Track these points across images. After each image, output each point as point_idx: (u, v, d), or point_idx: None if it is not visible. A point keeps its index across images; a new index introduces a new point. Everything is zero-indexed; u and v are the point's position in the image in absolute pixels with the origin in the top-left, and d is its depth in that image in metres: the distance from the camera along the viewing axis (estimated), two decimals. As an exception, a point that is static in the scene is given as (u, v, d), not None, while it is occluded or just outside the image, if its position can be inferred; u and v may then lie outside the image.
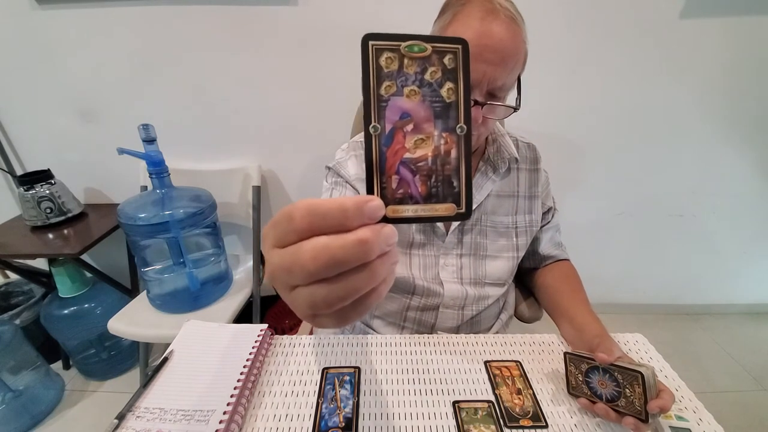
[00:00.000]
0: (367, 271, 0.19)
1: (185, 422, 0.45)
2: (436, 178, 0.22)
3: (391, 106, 0.22)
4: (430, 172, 0.22)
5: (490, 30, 0.49)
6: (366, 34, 0.21)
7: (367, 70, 0.21)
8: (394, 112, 0.22)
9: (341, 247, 0.18)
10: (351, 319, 0.21)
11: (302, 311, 0.21)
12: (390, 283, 0.21)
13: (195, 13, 1.13)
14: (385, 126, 0.22)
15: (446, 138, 0.22)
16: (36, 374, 1.21)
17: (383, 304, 0.70)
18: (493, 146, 0.68)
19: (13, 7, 1.12)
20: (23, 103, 1.26)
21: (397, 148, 0.22)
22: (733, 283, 1.65)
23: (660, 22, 1.14)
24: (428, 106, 0.22)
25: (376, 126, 0.22)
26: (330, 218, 0.19)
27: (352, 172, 0.66)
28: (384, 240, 0.19)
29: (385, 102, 0.22)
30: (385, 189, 0.22)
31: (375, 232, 0.19)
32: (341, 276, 0.19)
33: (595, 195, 1.44)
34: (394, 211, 0.22)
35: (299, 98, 1.25)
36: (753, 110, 1.27)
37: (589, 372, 0.49)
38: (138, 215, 0.98)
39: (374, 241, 0.18)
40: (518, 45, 0.52)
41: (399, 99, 0.22)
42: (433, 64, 0.22)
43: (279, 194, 1.43)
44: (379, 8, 1.12)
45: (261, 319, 1.31)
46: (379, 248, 0.19)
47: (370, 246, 0.18)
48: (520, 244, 0.70)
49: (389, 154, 0.22)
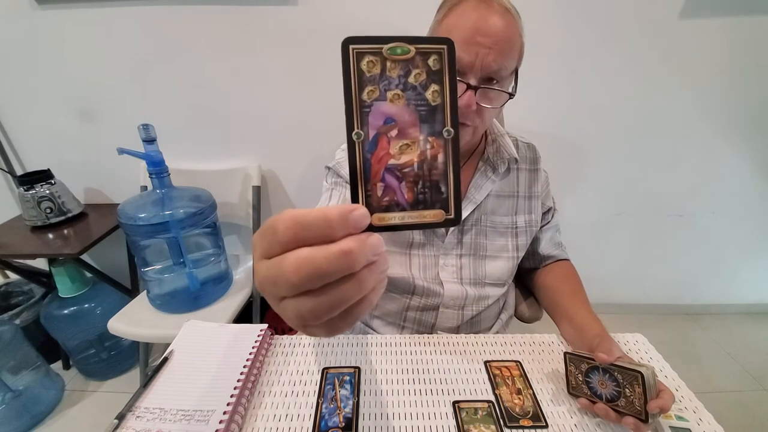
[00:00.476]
0: (353, 282, 0.19)
1: (185, 422, 0.45)
2: (423, 184, 0.22)
3: (374, 112, 0.21)
4: (416, 177, 0.22)
5: (484, 16, 0.51)
6: (346, 38, 0.21)
7: (348, 75, 0.21)
8: (378, 117, 0.21)
9: (325, 259, 0.18)
10: (341, 329, 0.21)
11: (291, 322, 0.21)
12: (380, 291, 0.21)
13: (195, 13, 1.13)
14: (369, 132, 0.21)
15: (432, 142, 0.22)
16: (36, 374, 1.21)
17: (383, 304, 0.70)
18: (493, 146, 0.68)
19: (13, 7, 1.12)
20: (23, 103, 1.26)
21: (381, 154, 0.21)
22: (732, 283, 1.65)
23: (660, 22, 1.14)
24: (413, 110, 0.21)
25: (359, 133, 0.21)
26: (314, 229, 0.18)
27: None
28: (370, 249, 0.19)
29: (368, 108, 0.21)
30: (370, 197, 0.21)
31: (360, 242, 0.18)
32: (327, 287, 0.18)
33: (595, 195, 1.44)
34: (381, 219, 0.21)
35: (299, 98, 1.25)
36: (752, 110, 1.27)
37: (589, 372, 0.49)
38: (138, 215, 0.98)
39: (359, 252, 0.18)
40: (513, 33, 0.53)
41: (382, 104, 0.21)
42: (417, 66, 0.21)
43: (279, 194, 1.43)
44: (378, 8, 1.12)
45: (261, 319, 1.31)
46: (364, 258, 0.19)
47: (355, 256, 0.18)
48: (519, 244, 0.70)
49: (374, 161, 0.21)
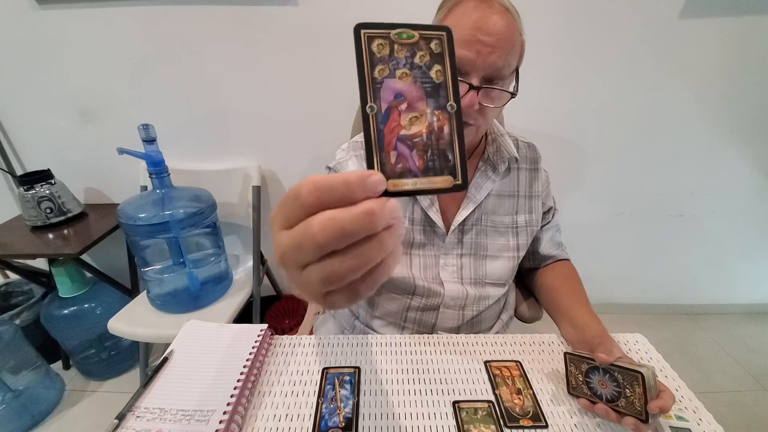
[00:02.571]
0: (375, 242, 0.20)
1: (185, 422, 0.45)
2: (432, 152, 0.23)
3: (385, 88, 0.23)
4: (425, 147, 0.23)
5: (484, 15, 0.51)
6: (357, 24, 0.23)
7: (360, 55, 0.23)
8: (389, 92, 0.23)
9: (349, 219, 0.19)
10: (362, 294, 0.21)
11: (315, 289, 0.21)
12: (397, 256, 0.22)
13: (195, 13, 1.13)
14: (381, 106, 0.23)
15: (438, 115, 0.23)
16: (36, 374, 1.21)
17: (384, 305, 0.70)
18: (493, 146, 0.68)
19: (13, 7, 1.12)
20: (23, 103, 1.26)
21: (393, 125, 0.23)
22: (732, 283, 1.65)
23: (660, 22, 1.14)
24: (419, 87, 0.23)
25: (372, 106, 0.23)
26: (336, 192, 0.19)
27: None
28: (389, 212, 0.20)
29: (379, 84, 0.23)
30: (384, 165, 0.23)
31: (380, 204, 0.19)
32: (351, 247, 0.20)
33: (595, 195, 1.44)
34: (395, 185, 0.22)
35: (299, 98, 1.25)
36: (752, 110, 1.27)
37: (589, 372, 0.49)
38: (138, 215, 0.98)
39: (380, 212, 0.19)
40: (513, 32, 0.53)
41: (392, 81, 0.23)
42: (421, 49, 0.24)
43: (279, 194, 1.43)
44: (379, 8, 1.12)
45: (261, 319, 1.31)
46: (384, 220, 0.19)
47: (377, 217, 0.19)
48: (520, 243, 0.70)
49: (386, 132, 0.23)
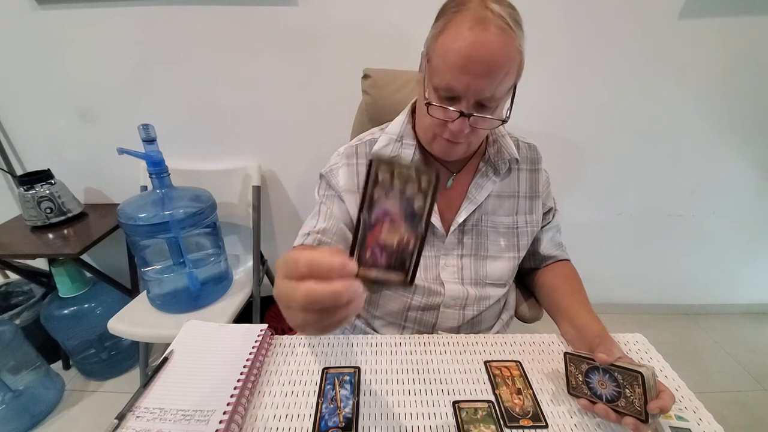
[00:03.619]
0: (339, 309, 0.28)
1: (185, 422, 0.45)
2: (396, 257, 0.32)
3: (378, 207, 0.31)
4: (393, 252, 0.32)
5: (478, 41, 0.48)
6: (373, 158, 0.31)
7: (368, 179, 0.30)
8: (380, 211, 0.31)
9: (321, 294, 0.27)
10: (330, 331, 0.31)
11: (294, 325, 0.32)
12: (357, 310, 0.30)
13: (195, 13, 1.13)
14: (371, 219, 0.31)
15: (409, 234, 0.31)
16: (36, 374, 1.21)
17: (384, 305, 0.70)
18: (494, 147, 0.68)
19: (13, 7, 1.12)
20: (23, 103, 1.26)
21: (376, 233, 0.31)
22: (732, 283, 1.65)
23: (659, 22, 1.14)
24: (402, 211, 0.31)
25: (366, 218, 0.31)
26: (322, 269, 0.28)
27: (341, 183, 0.66)
28: (352, 292, 0.28)
29: (374, 203, 0.31)
30: (361, 257, 0.31)
31: (346, 286, 0.27)
32: (322, 309, 0.28)
33: (595, 195, 1.44)
34: (363, 272, 0.31)
35: (299, 98, 1.25)
36: (752, 110, 1.27)
37: (589, 372, 0.49)
38: (138, 215, 0.98)
39: (345, 293, 0.27)
40: (509, 55, 0.50)
41: (384, 202, 0.31)
42: (413, 183, 0.31)
43: (279, 194, 1.43)
44: (378, 9, 1.12)
45: (261, 319, 1.31)
46: (347, 297, 0.27)
47: (342, 296, 0.27)
48: (521, 244, 0.70)
49: (369, 237, 0.31)
